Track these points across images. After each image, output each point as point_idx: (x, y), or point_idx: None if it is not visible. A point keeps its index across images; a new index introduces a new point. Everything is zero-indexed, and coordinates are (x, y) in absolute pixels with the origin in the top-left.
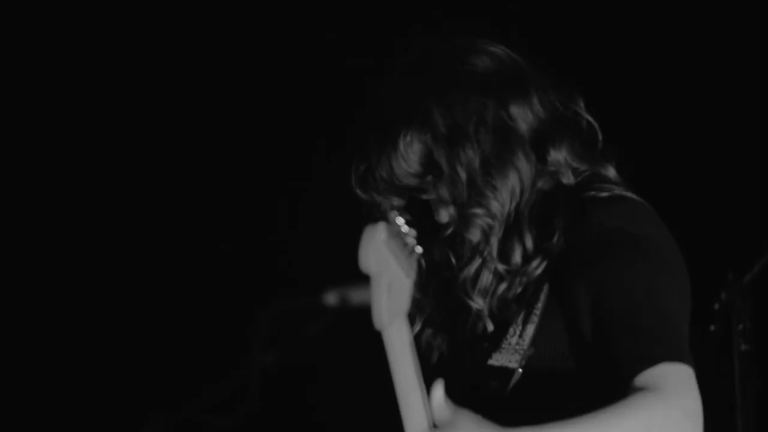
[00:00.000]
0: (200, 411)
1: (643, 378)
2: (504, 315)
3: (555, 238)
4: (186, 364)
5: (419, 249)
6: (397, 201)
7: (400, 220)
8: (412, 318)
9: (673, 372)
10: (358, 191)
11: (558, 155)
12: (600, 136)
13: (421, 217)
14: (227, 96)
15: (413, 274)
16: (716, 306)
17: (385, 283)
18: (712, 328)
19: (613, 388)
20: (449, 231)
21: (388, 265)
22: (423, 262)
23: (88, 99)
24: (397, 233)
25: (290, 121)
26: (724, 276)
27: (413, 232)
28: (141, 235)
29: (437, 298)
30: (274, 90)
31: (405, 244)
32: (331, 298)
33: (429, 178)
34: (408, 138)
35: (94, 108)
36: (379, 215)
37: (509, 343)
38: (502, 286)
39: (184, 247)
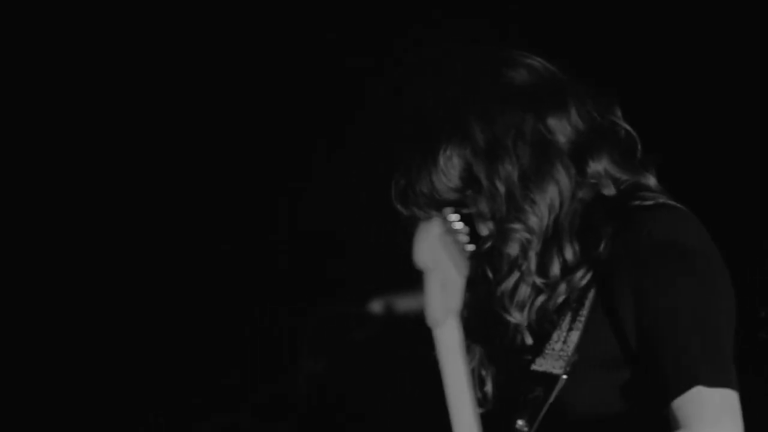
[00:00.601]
0: (248, 417)
1: (681, 401)
2: (543, 327)
3: (602, 247)
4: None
5: (471, 247)
6: (435, 216)
7: (454, 217)
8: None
9: (709, 398)
10: (399, 206)
11: (598, 166)
12: (639, 145)
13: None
14: (227, 96)
15: (465, 272)
16: (763, 314)
17: (440, 279)
18: (760, 336)
19: (656, 398)
20: (487, 245)
21: (442, 261)
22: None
23: (88, 99)
24: (450, 230)
25: (290, 121)
26: None
27: (466, 229)
28: (148, 236)
29: (474, 310)
30: (274, 90)
31: (457, 241)
32: (377, 306)
33: (469, 192)
34: (448, 152)
35: (93, 108)
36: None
37: (553, 349)
38: (541, 299)
39: (185, 247)
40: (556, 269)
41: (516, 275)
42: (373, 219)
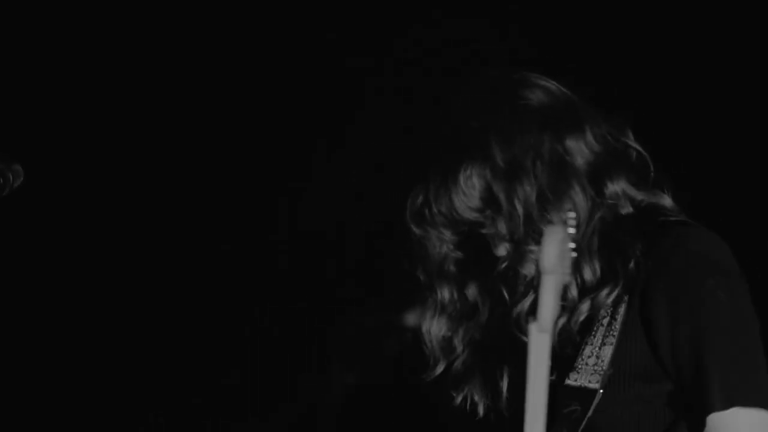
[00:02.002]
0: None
1: (717, 418)
2: (564, 347)
3: (632, 264)
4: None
5: (574, 254)
6: (449, 236)
7: (572, 222)
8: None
9: (746, 418)
10: (412, 226)
11: (616, 187)
12: (651, 166)
13: (473, 251)
14: (227, 96)
15: (567, 279)
16: None
17: (556, 284)
18: None
19: (691, 412)
20: (504, 266)
21: (561, 267)
22: (481, 298)
23: (88, 100)
24: (567, 237)
25: (290, 121)
26: None
27: (574, 236)
28: (149, 236)
29: (491, 332)
30: (274, 90)
31: (567, 249)
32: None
33: (488, 212)
34: (468, 172)
35: (93, 109)
36: (420, 251)
37: (586, 364)
38: (561, 320)
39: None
40: (573, 291)
41: (532, 296)
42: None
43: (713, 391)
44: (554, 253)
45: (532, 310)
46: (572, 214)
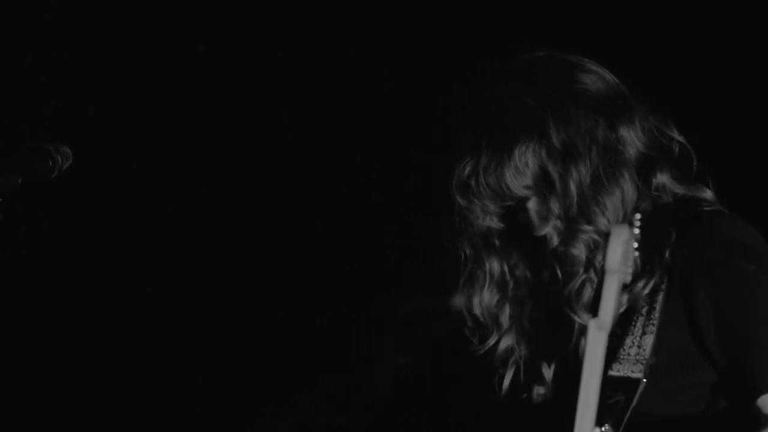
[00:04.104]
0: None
1: (765, 401)
2: (609, 342)
3: (668, 254)
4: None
5: (636, 253)
6: (494, 209)
7: (637, 223)
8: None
9: None
10: (457, 196)
11: (662, 179)
12: (694, 160)
13: (517, 226)
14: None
15: (628, 280)
16: None
17: (619, 283)
18: None
19: (738, 395)
20: (554, 245)
21: (625, 267)
22: (528, 275)
23: (90, 100)
24: (633, 237)
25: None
26: None
27: (638, 237)
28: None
29: (536, 313)
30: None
31: (631, 249)
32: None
33: (538, 190)
34: (523, 148)
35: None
36: (462, 224)
37: (628, 354)
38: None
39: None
40: None
41: (581, 276)
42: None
43: (762, 374)
44: (619, 253)
45: (593, 308)
46: (638, 215)
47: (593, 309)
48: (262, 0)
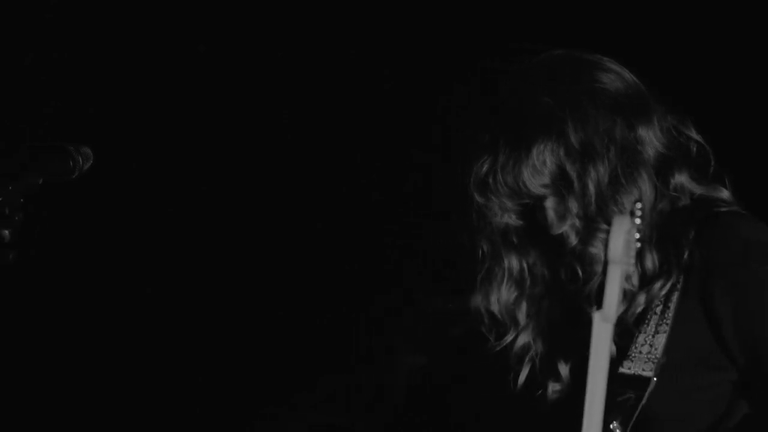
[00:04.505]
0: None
1: None
2: (621, 338)
3: (686, 254)
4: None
5: (638, 244)
6: (511, 206)
7: (638, 212)
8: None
9: None
10: (475, 194)
11: (680, 179)
12: (712, 160)
13: (534, 224)
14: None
15: (631, 270)
16: None
17: (621, 274)
18: None
19: (753, 397)
20: (573, 244)
21: (627, 257)
22: (546, 273)
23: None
24: (634, 228)
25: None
26: None
27: (640, 227)
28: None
29: (553, 311)
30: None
31: (632, 239)
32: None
33: (556, 189)
34: (541, 147)
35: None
36: (479, 221)
37: (640, 352)
38: (622, 307)
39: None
40: (635, 278)
41: (600, 276)
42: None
43: None
44: (621, 243)
45: (597, 299)
46: (639, 205)
47: (597, 300)
48: (262, 0)
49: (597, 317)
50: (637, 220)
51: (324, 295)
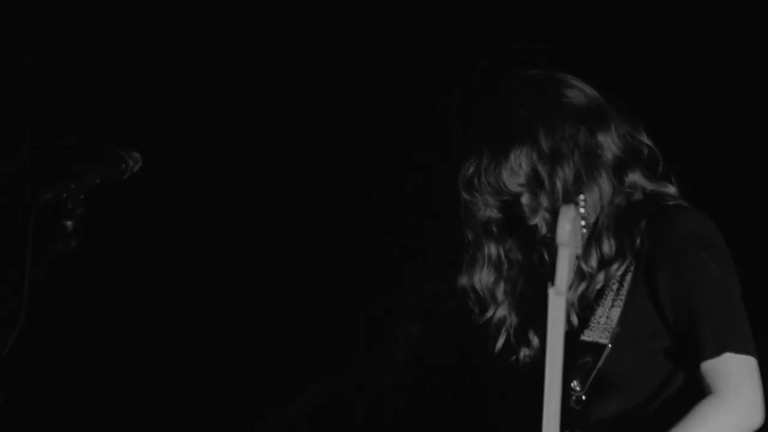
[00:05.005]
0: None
1: (711, 364)
2: (583, 311)
3: (638, 241)
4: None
5: (586, 231)
6: (493, 202)
7: (582, 202)
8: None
9: (734, 362)
10: (462, 192)
11: (634, 177)
12: (661, 160)
13: (512, 218)
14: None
15: (579, 253)
16: None
17: (570, 255)
18: None
19: (686, 362)
20: (543, 233)
21: (575, 240)
22: (520, 258)
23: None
24: (579, 216)
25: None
26: None
27: (584, 215)
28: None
29: (526, 289)
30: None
31: (578, 226)
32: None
33: (530, 187)
34: (518, 152)
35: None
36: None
37: (598, 323)
38: (582, 286)
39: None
40: (594, 261)
41: (554, 257)
42: None
43: (708, 341)
44: (568, 229)
45: (551, 277)
46: (582, 197)
47: (551, 278)
48: (262, 0)
49: (551, 292)
50: (581, 210)
51: (324, 295)
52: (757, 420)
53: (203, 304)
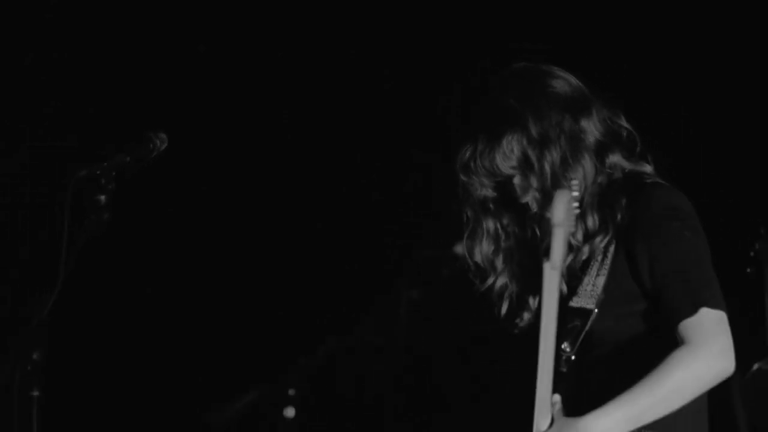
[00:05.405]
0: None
1: (688, 321)
2: (571, 280)
3: (619, 216)
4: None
5: (578, 211)
6: (488, 183)
7: (575, 187)
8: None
9: (707, 317)
10: (460, 174)
11: (614, 159)
12: (639, 142)
13: (506, 196)
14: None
15: (573, 230)
16: (752, 253)
17: (565, 234)
18: (748, 270)
19: (665, 322)
20: (535, 209)
21: (569, 220)
22: (516, 231)
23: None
24: (572, 199)
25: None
26: (758, 230)
27: (578, 198)
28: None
29: (523, 258)
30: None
31: (572, 207)
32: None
33: (521, 169)
34: (509, 138)
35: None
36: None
37: (585, 290)
38: (569, 257)
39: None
40: (579, 235)
41: (549, 235)
42: None
43: (685, 301)
44: (563, 210)
45: (546, 253)
46: (576, 181)
47: (546, 253)
48: (262, 0)
49: (547, 266)
50: (575, 193)
51: (324, 295)
52: (727, 366)
53: (203, 304)
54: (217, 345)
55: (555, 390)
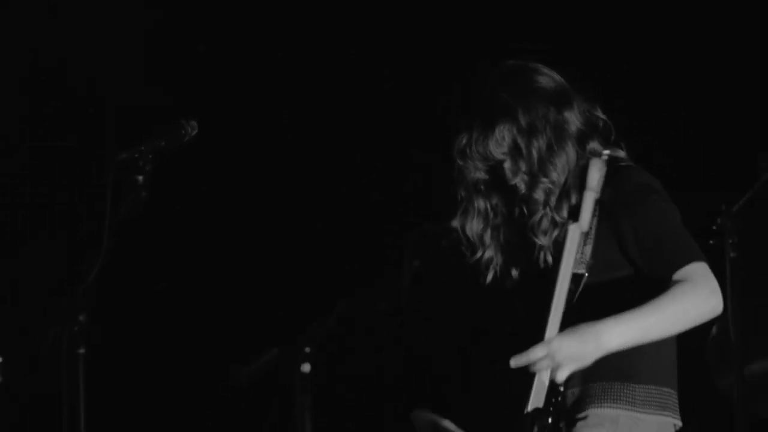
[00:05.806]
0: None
1: (679, 274)
2: (560, 253)
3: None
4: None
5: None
6: (481, 166)
7: (605, 157)
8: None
9: (697, 267)
10: (456, 158)
11: (593, 145)
12: (613, 132)
13: (497, 178)
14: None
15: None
16: (714, 227)
17: (595, 198)
18: (711, 242)
19: (652, 282)
20: (522, 192)
21: (598, 186)
22: (504, 210)
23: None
24: (602, 167)
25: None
26: (720, 206)
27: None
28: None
29: (509, 235)
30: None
31: (602, 174)
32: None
33: (512, 154)
34: (501, 127)
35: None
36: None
37: (575, 258)
38: (555, 232)
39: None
40: (565, 211)
41: (541, 212)
42: None
43: (677, 255)
44: (597, 177)
45: (574, 214)
46: (607, 152)
47: (574, 215)
48: (262, 0)
49: (574, 227)
50: (605, 162)
51: (324, 295)
52: (718, 303)
53: (203, 303)
54: (215, 345)
55: None
